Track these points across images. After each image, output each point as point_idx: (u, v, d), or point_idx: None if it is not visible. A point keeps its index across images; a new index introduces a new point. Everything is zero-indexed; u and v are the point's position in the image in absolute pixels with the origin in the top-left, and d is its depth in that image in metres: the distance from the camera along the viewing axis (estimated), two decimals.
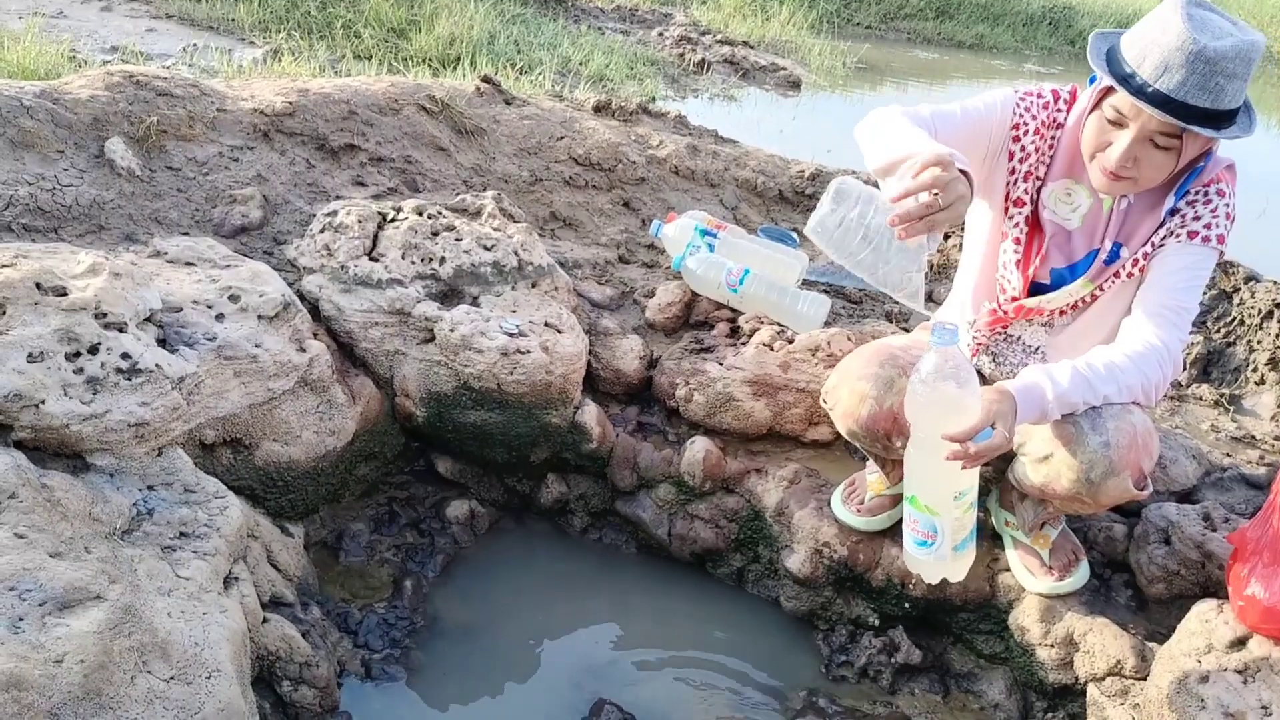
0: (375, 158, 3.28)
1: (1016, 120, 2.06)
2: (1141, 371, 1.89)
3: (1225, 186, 1.97)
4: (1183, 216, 1.96)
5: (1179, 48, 1.74)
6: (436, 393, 2.56)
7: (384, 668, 2.27)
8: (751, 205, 3.82)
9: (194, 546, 1.87)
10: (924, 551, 1.93)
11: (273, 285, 2.39)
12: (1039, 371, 1.88)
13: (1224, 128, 1.80)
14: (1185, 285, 1.95)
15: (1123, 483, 1.92)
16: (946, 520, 1.88)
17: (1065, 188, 2.05)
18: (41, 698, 1.47)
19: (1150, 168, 1.87)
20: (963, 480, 1.85)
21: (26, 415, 1.81)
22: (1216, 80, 1.74)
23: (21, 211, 2.54)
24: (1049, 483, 1.99)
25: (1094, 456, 1.90)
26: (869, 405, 2.15)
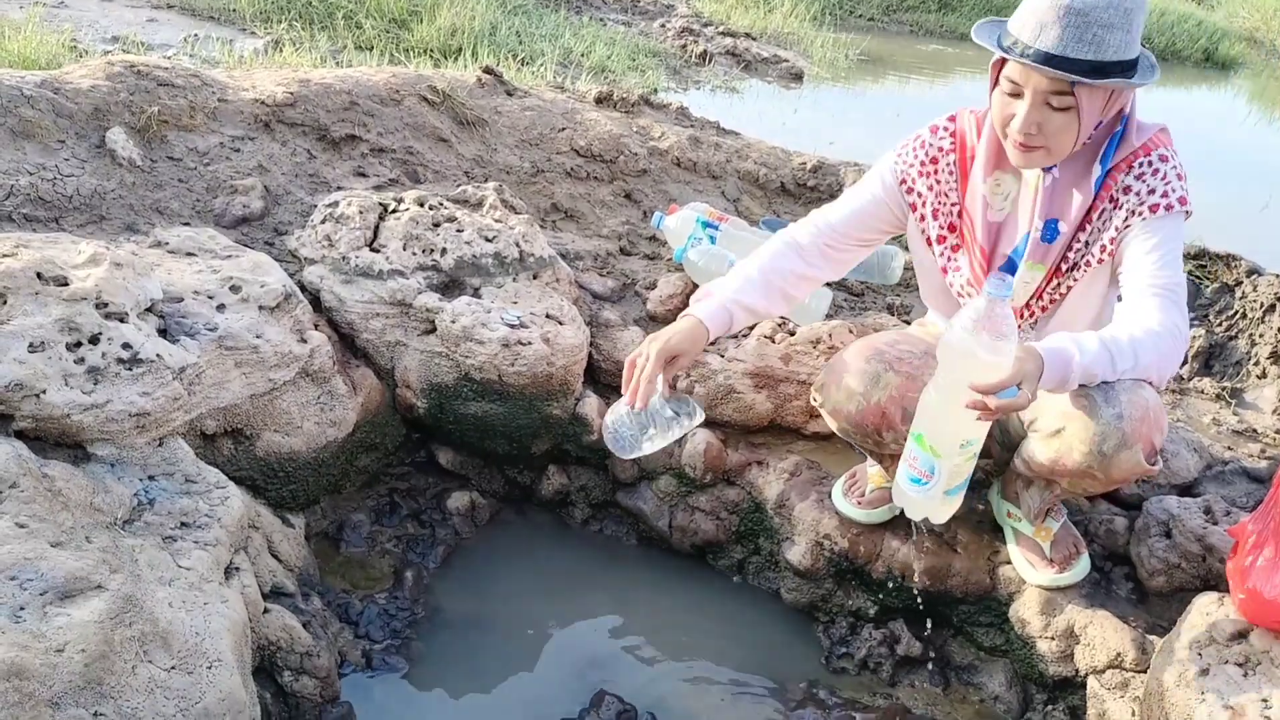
0: (376, 148, 3.28)
1: (901, 176, 2.16)
2: (1158, 350, 1.88)
3: (1165, 151, 1.97)
4: (1138, 194, 1.95)
5: (1051, 5, 1.78)
6: (437, 384, 2.56)
7: (385, 658, 2.27)
8: (753, 197, 3.81)
9: (195, 536, 1.88)
10: (916, 489, 1.93)
11: (274, 276, 2.38)
12: (1067, 338, 1.87)
13: (1123, 75, 1.81)
14: (1164, 259, 1.94)
15: (1134, 456, 1.90)
16: (946, 464, 1.88)
17: (995, 180, 2.06)
18: (42, 687, 1.48)
19: (1056, 132, 1.87)
20: (973, 430, 1.85)
21: (28, 405, 1.81)
22: (1093, 31, 1.76)
23: (22, 201, 2.54)
24: (1060, 457, 1.97)
25: (1107, 429, 1.88)
26: (857, 402, 2.15)
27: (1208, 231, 3.60)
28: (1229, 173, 6.72)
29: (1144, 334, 1.88)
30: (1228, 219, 5.15)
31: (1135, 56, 1.84)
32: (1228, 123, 8.68)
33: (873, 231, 2.24)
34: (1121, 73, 1.81)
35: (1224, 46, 11.37)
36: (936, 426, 1.87)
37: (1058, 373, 1.81)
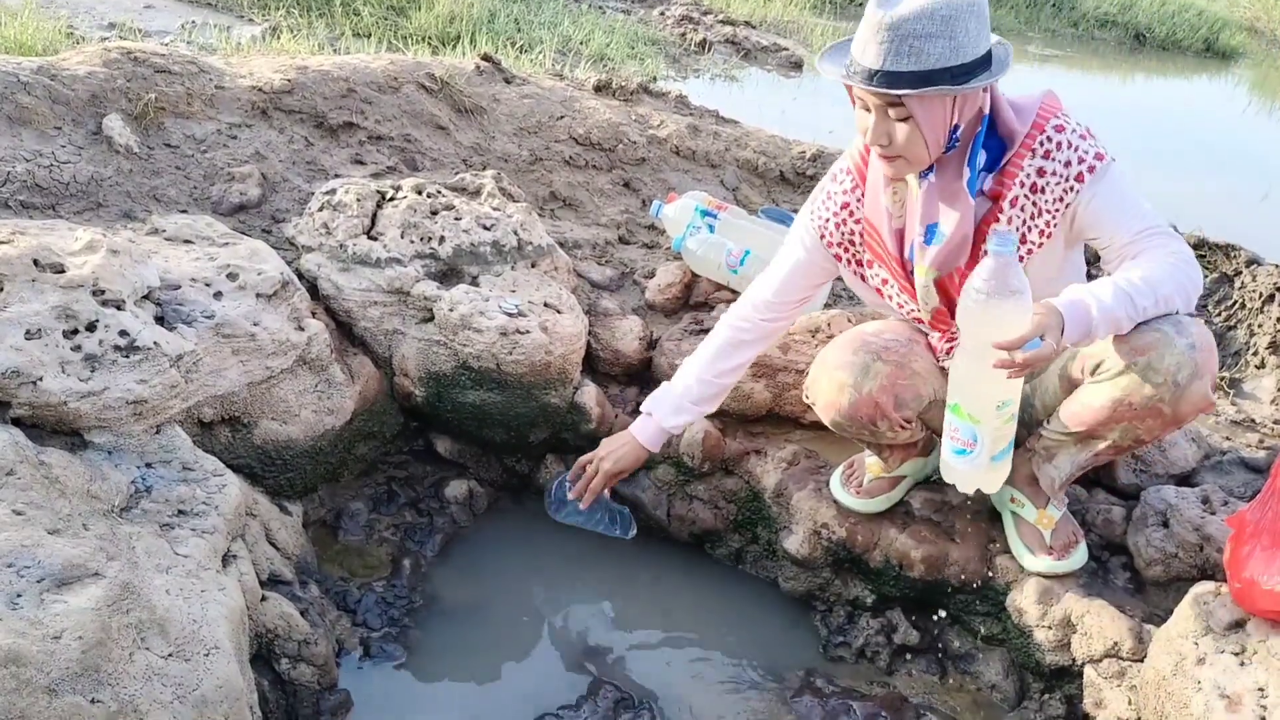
0: (374, 136, 3.27)
1: (820, 233, 2.20)
2: (1175, 278, 1.89)
3: (1058, 119, 1.95)
4: (1055, 173, 1.94)
5: (869, 24, 1.81)
6: (435, 372, 2.55)
7: (382, 646, 2.28)
8: (752, 186, 3.80)
9: (192, 524, 1.87)
10: (962, 460, 1.95)
11: (271, 263, 2.38)
12: (1082, 289, 1.88)
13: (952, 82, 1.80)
14: (1132, 207, 1.95)
15: (1204, 387, 1.91)
16: (987, 429, 1.89)
17: (893, 189, 2.07)
18: (40, 673, 1.48)
19: (906, 142, 1.88)
20: (1007, 390, 1.87)
21: (24, 392, 1.81)
22: (909, 44, 1.77)
23: (19, 188, 2.53)
24: (1128, 395, 1.95)
25: (1182, 358, 1.89)
26: (849, 394, 2.15)
27: (1207, 221, 3.60)
28: (1229, 163, 6.72)
29: (1154, 269, 1.89)
30: (1227, 209, 5.15)
31: (972, 59, 1.81)
32: (1228, 113, 8.66)
33: (808, 289, 2.32)
34: (951, 79, 1.80)
35: (1224, 36, 11.34)
36: (971, 393, 1.89)
37: (1079, 325, 1.82)
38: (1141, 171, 5.50)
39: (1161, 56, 11.10)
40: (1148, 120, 7.80)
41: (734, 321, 2.34)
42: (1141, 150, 6.51)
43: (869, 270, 2.21)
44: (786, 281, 2.28)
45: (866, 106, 1.90)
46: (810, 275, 2.28)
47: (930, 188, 2.00)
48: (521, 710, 2.17)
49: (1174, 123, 7.83)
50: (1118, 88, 9.56)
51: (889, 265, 2.15)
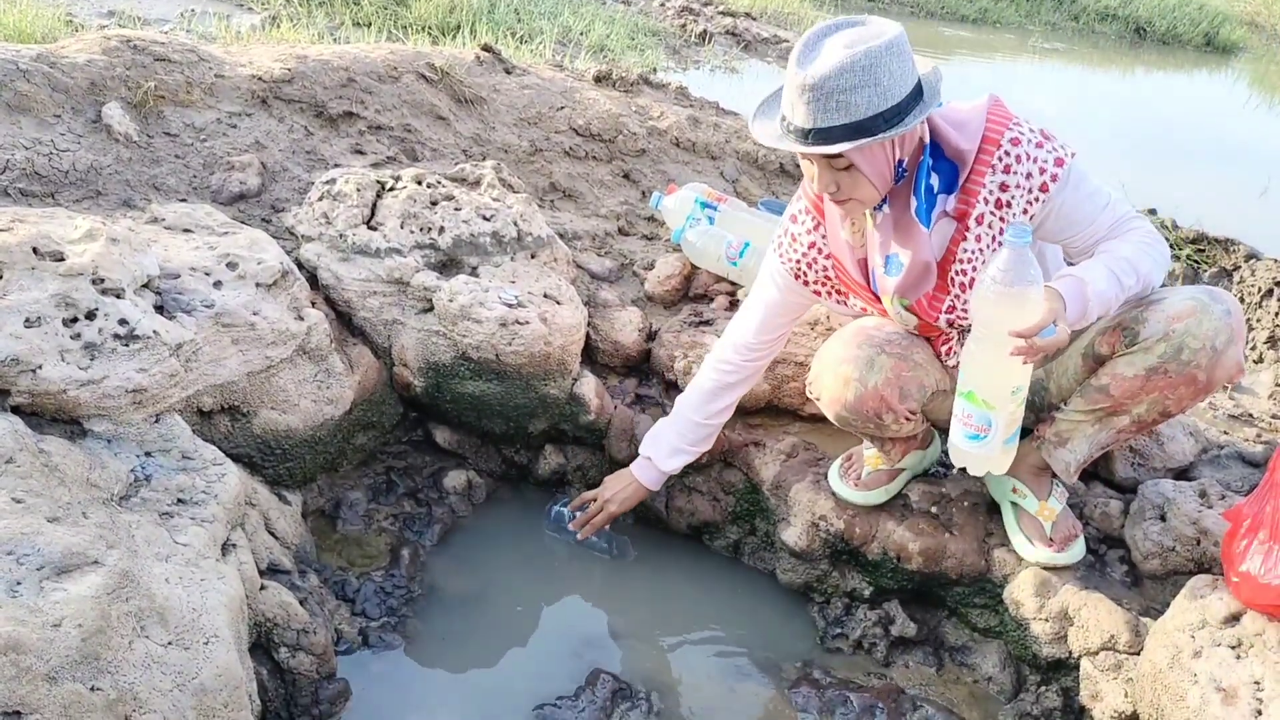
0: (374, 126, 3.26)
1: (794, 272, 2.22)
2: (1151, 256, 1.96)
3: (1012, 131, 1.94)
4: (1018, 186, 1.94)
5: (792, 85, 1.82)
6: (435, 363, 2.55)
7: (381, 636, 2.28)
8: (752, 178, 3.80)
9: (192, 513, 1.88)
10: (975, 445, 1.97)
11: (271, 253, 2.38)
12: (1074, 270, 1.92)
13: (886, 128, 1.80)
14: (1098, 204, 1.98)
15: (1238, 353, 1.96)
16: (1002, 415, 1.93)
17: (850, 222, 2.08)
18: (39, 661, 1.48)
19: (850, 187, 1.90)
20: (1021, 376, 1.91)
21: (24, 380, 1.81)
22: (835, 99, 1.77)
23: (18, 176, 2.53)
24: (1165, 362, 1.97)
25: (1219, 324, 1.93)
26: (854, 388, 2.16)
27: (1206, 216, 3.60)
28: (1228, 158, 6.72)
29: (1131, 250, 1.95)
30: (1227, 204, 5.15)
31: (903, 98, 1.80)
32: (1228, 108, 8.66)
33: (785, 326, 2.36)
34: (885, 124, 1.80)
35: (1225, 31, 11.34)
36: (986, 380, 1.91)
37: (1078, 305, 1.85)
38: (1141, 166, 5.51)
39: (1162, 50, 11.09)
40: (1148, 114, 7.80)
41: (718, 365, 2.39)
42: (1141, 144, 6.51)
43: (849, 299, 2.24)
44: (765, 322, 2.32)
45: (810, 159, 1.91)
46: (787, 312, 2.32)
47: (885, 219, 2.02)
48: (520, 699, 2.17)
49: (1174, 117, 7.83)
50: (1118, 82, 9.55)
51: (861, 295, 2.18)
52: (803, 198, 2.17)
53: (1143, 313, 1.99)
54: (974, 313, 1.87)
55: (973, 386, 1.93)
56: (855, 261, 2.12)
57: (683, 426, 2.44)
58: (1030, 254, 1.76)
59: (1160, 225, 3.40)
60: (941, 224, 2.00)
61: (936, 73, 1.90)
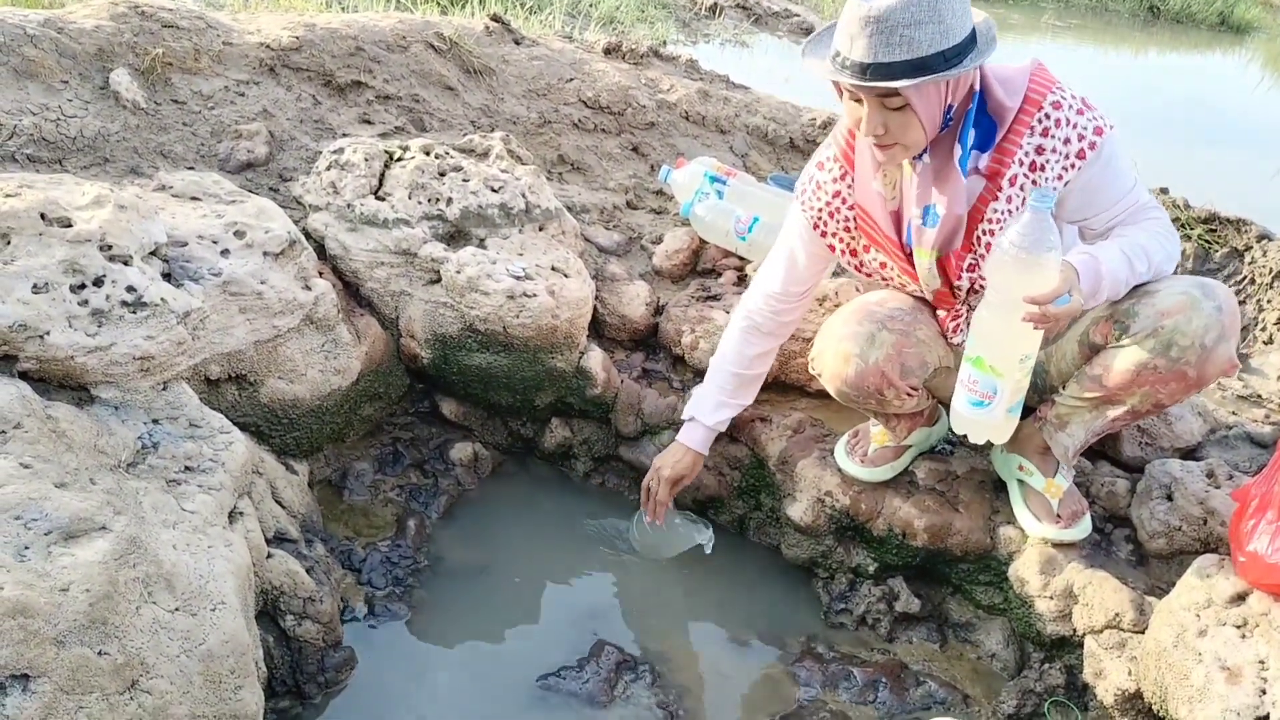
0: (382, 95, 3.24)
1: (814, 222, 2.19)
2: (1163, 247, 1.96)
3: (1054, 95, 1.92)
4: (1055, 151, 1.92)
5: (853, 18, 1.78)
6: (442, 334, 2.55)
7: (387, 605, 2.29)
8: (762, 153, 3.78)
9: (199, 480, 1.88)
10: (979, 411, 1.97)
11: (278, 222, 2.37)
12: (1089, 249, 1.92)
13: (946, 67, 1.78)
14: (1123, 185, 1.96)
15: (1229, 349, 1.93)
16: (1008, 382, 1.92)
17: (883, 172, 2.05)
18: (47, 625, 1.48)
19: (901, 130, 1.87)
20: (1031, 344, 1.90)
21: (31, 346, 1.81)
22: (900, 34, 1.74)
23: (25, 142, 2.52)
24: (1154, 358, 1.95)
25: (1209, 320, 1.91)
26: (854, 364, 2.14)
27: (1219, 196, 3.57)
28: (1241, 138, 6.67)
29: (1147, 238, 1.94)
30: (1239, 184, 5.11)
31: (962, 39, 1.79)
32: (1241, 87, 8.59)
33: (810, 279, 2.32)
34: (944, 63, 1.78)
35: (1240, 10, 11.23)
36: (995, 346, 1.90)
37: (1090, 280, 1.84)
38: (1153, 146, 5.47)
39: (1175, 30, 10.99)
40: (1161, 94, 7.74)
41: (746, 313, 2.36)
42: (1154, 124, 6.46)
43: (866, 255, 2.20)
44: (789, 274, 2.30)
45: (858, 98, 1.87)
46: (810, 264, 2.29)
47: (925, 169, 1.99)
48: (524, 670, 2.18)
49: (1187, 97, 7.76)
50: (1130, 61, 9.48)
51: (886, 249, 2.14)
52: (832, 145, 2.14)
53: (1134, 305, 1.97)
54: (990, 276, 1.86)
55: (981, 352, 1.93)
56: (887, 214, 2.08)
57: (722, 380, 2.40)
58: (1051, 220, 1.74)
59: (1172, 205, 3.37)
60: (971, 180, 1.98)
61: (989, 22, 1.87)
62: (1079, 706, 2.15)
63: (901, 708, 2.19)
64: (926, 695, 2.21)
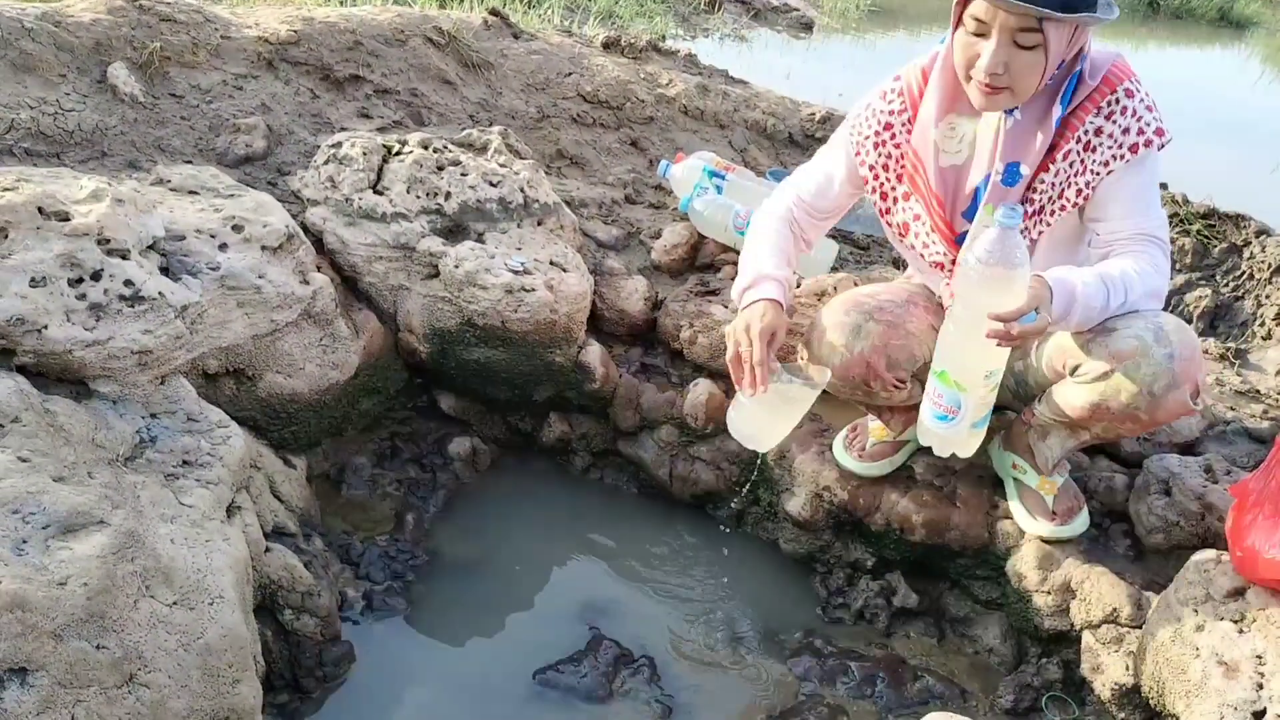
0: (380, 89, 3.24)
1: (856, 149, 2.15)
2: (1146, 287, 1.92)
3: (1130, 84, 1.93)
4: (1111, 136, 1.91)
5: None
6: (440, 329, 2.55)
7: (385, 599, 2.29)
8: (761, 148, 3.77)
9: (197, 475, 1.88)
10: (943, 425, 1.95)
11: (276, 216, 2.36)
12: (1067, 270, 1.89)
13: (1089, 10, 1.78)
14: (1147, 202, 1.95)
15: (1182, 396, 1.90)
16: (972, 397, 1.90)
17: (950, 124, 2.02)
18: (45, 619, 1.48)
19: (1022, 72, 1.83)
20: (995, 360, 1.88)
21: (29, 340, 1.81)
22: None
23: (23, 135, 2.52)
24: (1105, 400, 1.95)
25: (1158, 369, 1.88)
26: (840, 354, 2.13)
27: (1217, 192, 3.57)
28: (1240, 134, 6.67)
29: (1135, 271, 1.91)
30: (1237, 180, 5.11)
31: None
32: (1240, 83, 8.58)
33: (838, 204, 2.26)
34: (1088, 8, 1.77)
35: (1239, 5, 11.22)
36: (960, 361, 1.89)
37: (1063, 302, 1.82)
38: None
39: (1174, 25, 10.98)
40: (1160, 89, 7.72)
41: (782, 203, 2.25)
42: None
43: (898, 205, 2.15)
44: (820, 187, 2.22)
45: (983, 31, 1.82)
46: (842, 191, 2.22)
47: (1016, 125, 1.95)
48: (522, 664, 2.18)
49: (1186, 92, 7.76)
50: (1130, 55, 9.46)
51: (927, 202, 2.10)
52: (900, 79, 2.10)
53: (1090, 342, 1.95)
54: (956, 291, 1.83)
55: (946, 366, 1.91)
56: (938, 168, 2.05)
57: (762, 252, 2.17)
58: (1019, 236, 1.73)
59: (1171, 200, 3.37)
60: None
61: None
62: (1076, 701, 2.15)
63: (899, 702, 2.19)
64: (924, 690, 2.22)
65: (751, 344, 2.00)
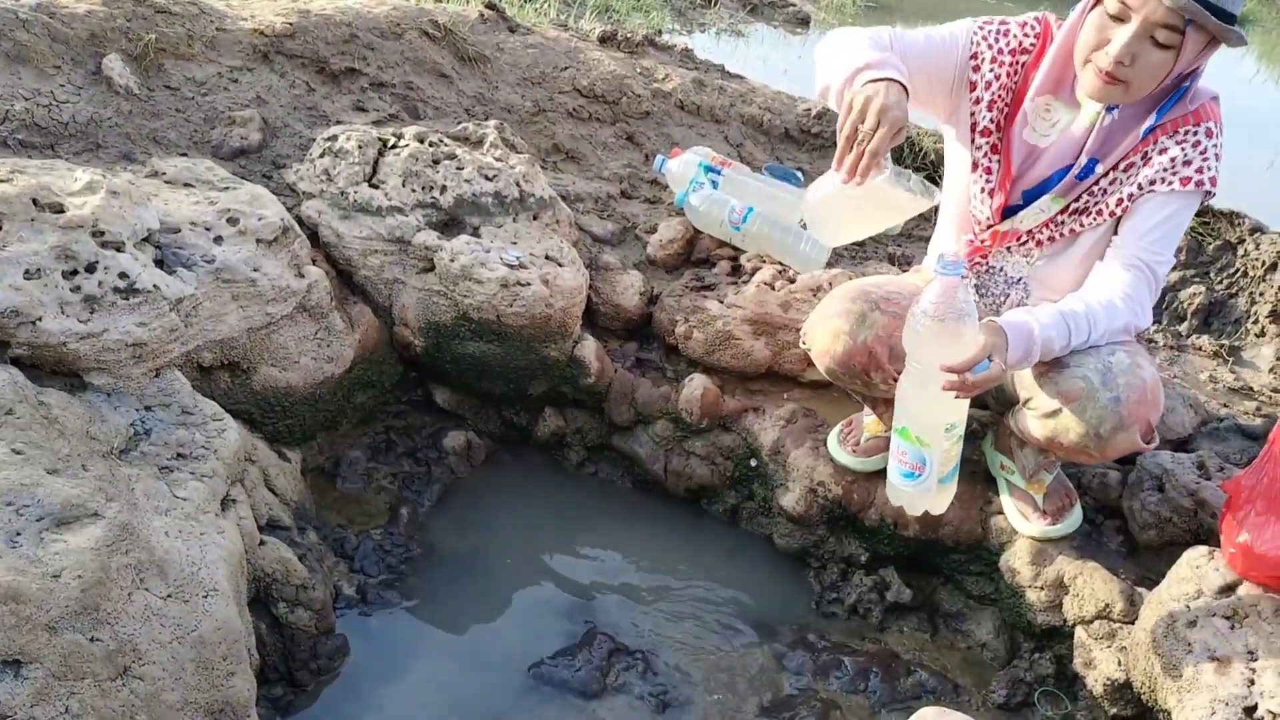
0: (376, 83, 3.23)
1: (974, 50, 2.03)
2: (1112, 325, 1.91)
3: (1214, 126, 1.92)
4: (1173, 159, 1.91)
5: None
6: (435, 323, 2.54)
7: (380, 593, 2.29)
8: (757, 143, 3.77)
9: (191, 468, 1.88)
10: (910, 483, 1.94)
11: (271, 209, 2.36)
12: (1025, 312, 1.89)
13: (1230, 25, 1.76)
14: (1165, 235, 1.94)
15: (1131, 437, 1.90)
16: (936, 452, 1.89)
17: (1045, 104, 1.99)
18: (39, 611, 1.48)
19: (1146, 68, 1.80)
20: (954, 412, 1.87)
21: (23, 332, 1.80)
22: None
23: (17, 127, 2.51)
24: (1056, 436, 1.97)
25: (1104, 412, 1.88)
26: (843, 341, 2.13)
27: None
28: (1234, 130, 6.64)
29: (1103, 307, 1.90)
30: (1232, 177, 5.09)
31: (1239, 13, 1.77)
32: (1235, 80, 8.59)
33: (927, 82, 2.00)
34: (1230, 22, 1.75)
35: None
36: (918, 416, 1.88)
37: (1020, 346, 1.83)
38: None
39: None
40: None
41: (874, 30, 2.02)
42: None
43: (983, 139, 2.05)
44: (929, 43, 2.02)
45: (1124, 16, 1.78)
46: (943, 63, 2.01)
47: (1113, 124, 1.94)
48: (516, 658, 2.19)
49: None
50: None
51: (997, 156, 2.04)
52: (1040, 23, 2.02)
53: (1041, 377, 1.95)
54: (906, 346, 1.83)
55: (906, 422, 1.90)
56: (1021, 139, 2.01)
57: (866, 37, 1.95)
58: (963, 288, 1.72)
59: None
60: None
61: None
62: (1069, 696, 2.16)
63: (892, 697, 2.20)
64: (917, 685, 2.22)
65: (879, 132, 1.77)
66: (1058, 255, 2.07)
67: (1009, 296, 2.14)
